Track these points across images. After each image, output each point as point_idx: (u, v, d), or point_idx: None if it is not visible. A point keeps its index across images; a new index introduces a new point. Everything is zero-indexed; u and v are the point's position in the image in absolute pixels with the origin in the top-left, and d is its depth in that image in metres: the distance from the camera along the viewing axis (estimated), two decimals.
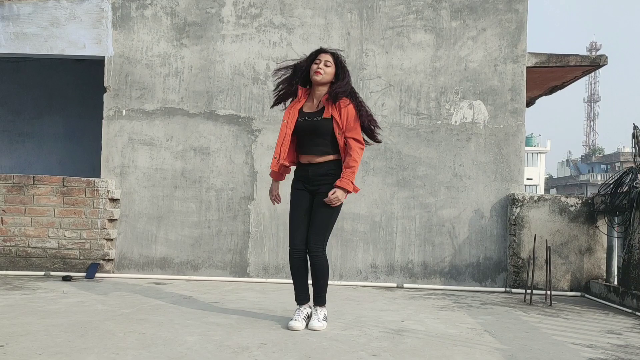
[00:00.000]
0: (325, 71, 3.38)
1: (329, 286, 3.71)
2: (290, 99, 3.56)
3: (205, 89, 5.57)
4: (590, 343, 3.29)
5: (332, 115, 3.35)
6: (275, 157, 3.48)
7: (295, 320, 3.39)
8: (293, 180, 3.55)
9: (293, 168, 3.60)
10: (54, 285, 4.73)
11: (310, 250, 3.41)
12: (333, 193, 3.32)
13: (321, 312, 3.47)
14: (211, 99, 5.56)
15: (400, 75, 5.53)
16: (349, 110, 3.35)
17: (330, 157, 3.40)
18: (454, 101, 5.51)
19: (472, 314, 4.09)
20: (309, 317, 3.46)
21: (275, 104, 3.62)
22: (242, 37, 5.58)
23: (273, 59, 5.56)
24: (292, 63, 3.53)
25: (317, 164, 3.42)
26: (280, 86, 3.54)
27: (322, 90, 3.45)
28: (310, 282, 3.50)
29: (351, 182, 3.34)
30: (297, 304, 3.53)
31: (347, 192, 3.35)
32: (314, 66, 3.40)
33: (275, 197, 3.65)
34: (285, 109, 3.54)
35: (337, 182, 3.33)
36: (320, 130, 3.36)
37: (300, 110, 3.46)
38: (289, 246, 3.50)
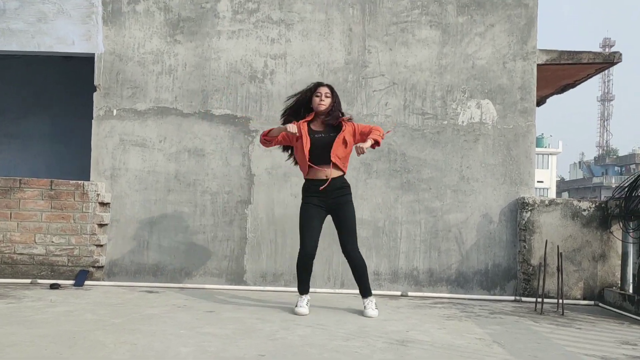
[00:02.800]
0: (326, 102, 4.24)
1: (330, 294, 4.84)
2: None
3: (200, 87, 5.58)
4: (604, 354, 3.29)
5: (343, 132, 4.21)
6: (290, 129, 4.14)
7: (300, 306, 4.19)
8: (306, 196, 4.28)
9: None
10: (41, 293, 4.73)
11: (350, 253, 4.26)
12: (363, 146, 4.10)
13: (373, 301, 4.30)
14: (206, 98, 5.57)
15: (404, 73, 5.54)
16: (352, 124, 4.29)
17: (342, 172, 4.28)
18: (460, 100, 5.52)
19: (480, 324, 4.10)
20: (309, 302, 4.30)
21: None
22: (239, 33, 5.59)
23: (271, 56, 5.57)
24: (294, 98, 4.39)
25: (334, 178, 4.22)
26: (287, 117, 4.38)
27: (324, 114, 4.27)
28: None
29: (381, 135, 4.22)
30: (300, 294, 4.30)
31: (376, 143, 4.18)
32: (317, 99, 4.24)
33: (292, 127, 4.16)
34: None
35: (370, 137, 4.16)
36: (335, 146, 4.19)
37: (310, 129, 4.26)
38: (301, 252, 4.22)
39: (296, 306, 4.22)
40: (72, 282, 5.24)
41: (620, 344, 3.61)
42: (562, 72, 6.09)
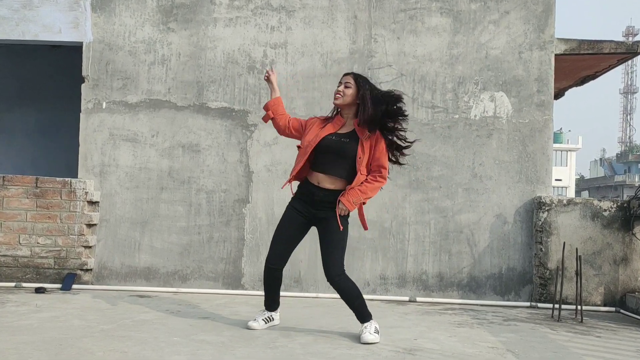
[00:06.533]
0: (344, 93, 3.65)
1: (333, 299, 4.49)
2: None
3: (195, 78, 5.59)
4: None
5: (360, 141, 3.63)
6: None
7: (254, 320, 3.88)
8: (293, 198, 3.86)
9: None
10: (26, 297, 4.75)
11: (331, 276, 3.67)
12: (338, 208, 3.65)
13: (372, 325, 3.69)
14: (201, 90, 5.58)
15: (413, 63, 5.53)
16: (379, 145, 3.65)
17: (342, 186, 3.67)
18: (473, 93, 5.51)
19: (493, 332, 4.10)
20: (270, 320, 3.93)
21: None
22: (237, 21, 5.59)
23: (271, 45, 5.57)
24: None
25: (328, 190, 3.67)
26: None
27: (349, 112, 3.72)
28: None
29: (353, 202, 3.60)
30: (265, 309, 3.96)
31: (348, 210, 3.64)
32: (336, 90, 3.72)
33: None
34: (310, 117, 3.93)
35: (340, 197, 3.62)
36: (345, 153, 3.63)
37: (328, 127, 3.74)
38: (266, 261, 3.85)
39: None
40: (58, 285, 5.25)
41: None
42: (582, 63, 6.07)
